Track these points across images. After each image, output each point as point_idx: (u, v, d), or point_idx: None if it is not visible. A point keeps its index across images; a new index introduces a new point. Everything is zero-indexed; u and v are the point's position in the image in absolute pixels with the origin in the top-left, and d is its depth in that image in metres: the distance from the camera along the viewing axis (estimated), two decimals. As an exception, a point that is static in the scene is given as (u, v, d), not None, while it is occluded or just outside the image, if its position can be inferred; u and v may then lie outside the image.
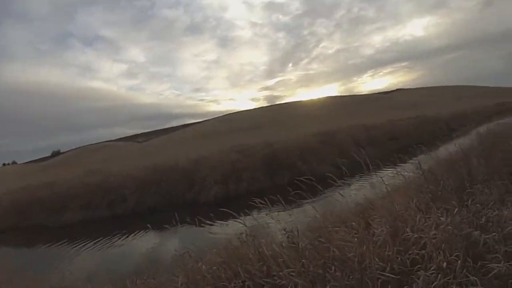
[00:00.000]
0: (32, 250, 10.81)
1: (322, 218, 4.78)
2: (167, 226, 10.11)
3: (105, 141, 54.02)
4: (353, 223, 3.55)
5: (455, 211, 3.57)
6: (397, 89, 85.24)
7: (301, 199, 9.60)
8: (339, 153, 13.82)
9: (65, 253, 9.68)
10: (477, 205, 3.75)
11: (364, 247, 3.00)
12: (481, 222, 3.39)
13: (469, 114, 28.33)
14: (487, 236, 3.07)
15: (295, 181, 10.85)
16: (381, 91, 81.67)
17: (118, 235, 10.31)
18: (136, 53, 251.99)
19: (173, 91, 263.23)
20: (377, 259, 2.91)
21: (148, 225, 10.33)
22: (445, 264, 2.73)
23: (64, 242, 10.55)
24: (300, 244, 3.34)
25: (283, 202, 4.56)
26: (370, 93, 75.52)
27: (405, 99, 43.98)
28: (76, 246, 10.04)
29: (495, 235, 3.06)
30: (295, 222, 5.69)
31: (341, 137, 15.17)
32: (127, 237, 10.08)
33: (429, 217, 3.51)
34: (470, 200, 3.90)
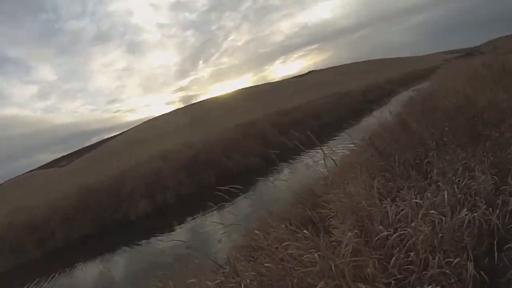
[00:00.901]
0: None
1: (260, 224, 4.60)
2: (100, 255, 9.75)
3: (27, 172, 49.76)
4: (304, 230, 2.97)
5: (428, 189, 3.14)
6: (309, 72, 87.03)
7: (233, 197, 9.64)
8: (263, 142, 14.08)
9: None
10: (449, 175, 3.30)
11: (332, 265, 2.29)
12: (470, 198, 2.86)
13: (383, 85, 29.68)
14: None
15: (222, 179, 10.92)
16: (294, 76, 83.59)
17: (55, 273, 9.66)
18: (47, 71, 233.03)
19: (87, 106, 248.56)
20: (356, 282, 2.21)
21: (80, 258, 10.00)
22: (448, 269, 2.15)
23: None
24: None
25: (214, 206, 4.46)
26: (284, 78, 77.20)
27: (319, 79, 45.31)
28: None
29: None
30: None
31: (262, 125, 15.37)
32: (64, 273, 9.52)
33: (399, 203, 2.98)
34: (434, 172, 3.50)
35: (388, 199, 3.09)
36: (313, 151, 12.43)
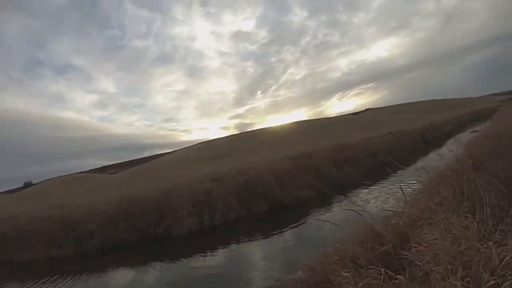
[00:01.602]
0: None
1: (321, 261, 4.33)
2: (136, 264, 9.46)
3: (77, 173, 52.49)
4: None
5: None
6: (366, 109, 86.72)
7: (282, 227, 8.95)
8: (316, 176, 13.46)
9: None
10: None
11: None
12: None
13: (440, 125, 28.86)
14: None
15: (273, 208, 10.33)
16: (350, 113, 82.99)
17: (85, 273, 9.48)
18: (107, 84, 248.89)
19: (144, 121, 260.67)
20: None
21: (116, 263, 9.76)
22: None
23: (27, 281, 9.74)
24: None
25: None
26: (340, 115, 76.50)
27: (376, 117, 44.49)
28: (39, 285, 9.27)
29: None
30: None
31: (317, 159, 14.76)
32: (94, 276, 9.31)
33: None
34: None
35: (490, 242, 2.70)
36: (368, 188, 11.83)
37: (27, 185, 53.03)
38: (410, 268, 3.15)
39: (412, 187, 5.90)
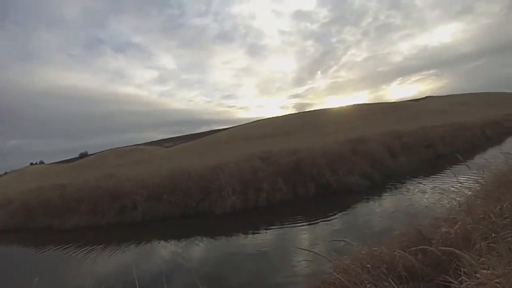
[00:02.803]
0: (38, 252, 10.20)
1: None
2: (171, 238, 9.34)
3: (133, 145, 54.52)
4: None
5: None
6: (426, 96, 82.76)
7: (329, 213, 8.29)
8: (370, 162, 12.67)
9: (71, 257, 9.08)
10: None
11: None
12: None
13: (503, 122, 26.86)
14: None
15: (322, 192, 9.67)
16: (411, 99, 79.13)
17: (122, 242, 9.56)
18: (167, 60, 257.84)
19: (203, 97, 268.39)
20: None
21: (157, 235, 9.75)
22: None
23: (70, 246, 9.95)
24: None
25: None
26: (400, 100, 72.83)
27: (436, 106, 41.97)
28: (82, 251, 9.35)
29: None
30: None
31: (372, 144, 13.88)
32: (136, 245, 9.24)
33: None
34: None
35: None
36: (422, 182, 10.85)
37: (82, 155, 56.50)
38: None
39: (469, 186, 5.02)
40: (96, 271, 7.72)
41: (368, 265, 3.48)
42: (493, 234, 3.05)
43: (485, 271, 2.38)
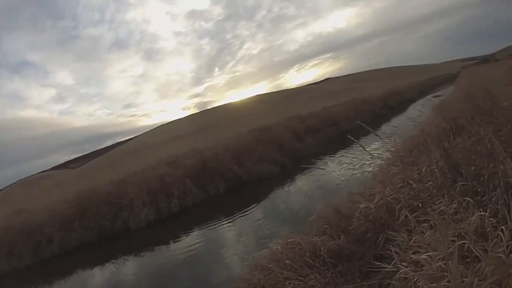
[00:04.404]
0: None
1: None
2: (94, 264, 8.88)
3: (40, 172, 50.37)
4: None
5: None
6: (325, 79, 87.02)
7: (242, 208, 8.48)
8: (277, 149, 13.14)
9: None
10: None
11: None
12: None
13: (402, 91, 29.17)
14: None
15: (232, 187, 9.86)
16: (310, 83, 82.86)
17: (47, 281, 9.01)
18: (64, 76, 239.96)
19: (104, 110, 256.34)
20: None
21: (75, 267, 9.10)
22: None
23: None
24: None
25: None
26: (299, 86, 76.21)
27: (336, 87, 44.36)
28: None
29: None
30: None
31: (277, 131, 14.40)
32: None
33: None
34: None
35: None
36: (331, 159, 11.60)
37: (-10, 192, 50.32)
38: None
39: (380, 156, 4.97)
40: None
41: (287, 261, 3.45)
42: (415, 203, 3.01)
43: (424, 254, 2.16)
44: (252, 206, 9.28)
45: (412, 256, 2.28)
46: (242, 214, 8.95)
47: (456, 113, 5.69)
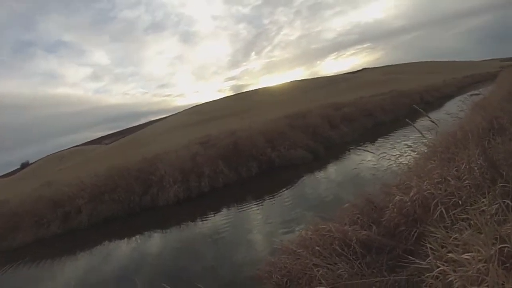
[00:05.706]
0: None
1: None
2: (119, 237, 8.91)
3: (72, 147, 52.11)
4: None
5: None
6: (363, 69, 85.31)
7: (275, 191, 8.19)
8: (311, 135, 12.82)
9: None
10: None
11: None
12: None
13: (441, 87, 28.00)
14: None
15: (265, 170, 9.57)
16: (347, 72, 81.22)
17: (71, 252, 8.90)
18: (100, 56, 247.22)
19: (139, 89, 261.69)
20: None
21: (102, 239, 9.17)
22: None
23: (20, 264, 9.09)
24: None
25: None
26: (336, 74, 74.43)
27: (373, 77, 43.32)
28: (32, 268, 8.63)
29: None
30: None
31: (312, 118, 14.03)
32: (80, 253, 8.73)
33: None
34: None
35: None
36: (365, 149, 11.09)
37: (24, 165, 52.68)
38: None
39: (416, 150, 5.00)
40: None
41: (318, 247, 3.41)
42: (453, 200, 2.94)
43: (465, 254, 2.04)
44: (282, 190, 9.10)
45: (449, 254, 2.16)
46: (272, 197, 8.79)
47: (498, 112, 5.36)
